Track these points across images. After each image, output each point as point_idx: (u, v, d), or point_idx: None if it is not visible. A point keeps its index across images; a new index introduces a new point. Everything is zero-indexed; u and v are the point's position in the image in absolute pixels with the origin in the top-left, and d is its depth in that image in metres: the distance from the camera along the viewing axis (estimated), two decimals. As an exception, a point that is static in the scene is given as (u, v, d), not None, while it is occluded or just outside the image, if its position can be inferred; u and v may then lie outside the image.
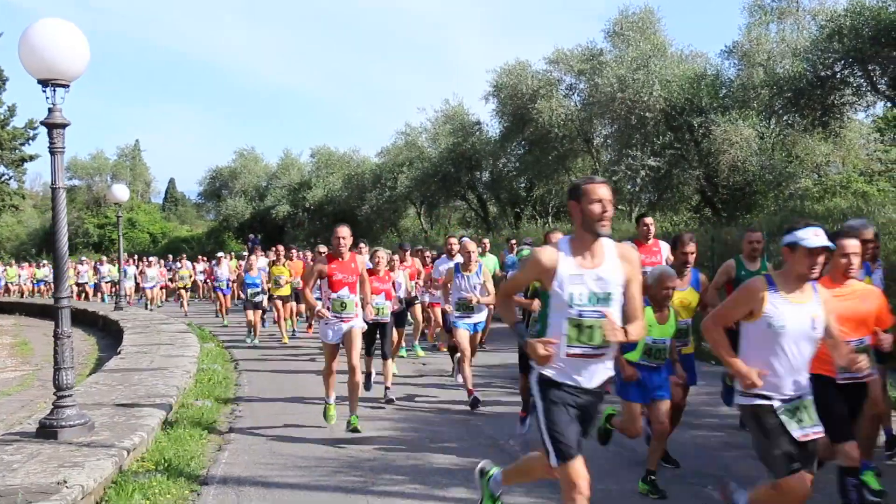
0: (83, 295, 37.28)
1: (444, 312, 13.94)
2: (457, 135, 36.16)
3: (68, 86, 7.99)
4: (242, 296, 20.05)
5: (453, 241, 13.64)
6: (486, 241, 18.19)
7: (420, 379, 13.21)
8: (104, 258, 42.34)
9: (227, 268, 25.53)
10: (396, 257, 14.51)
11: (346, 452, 8.45)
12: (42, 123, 8.15)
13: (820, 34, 20.90)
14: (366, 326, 9.97)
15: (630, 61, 24.95)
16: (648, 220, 10.74)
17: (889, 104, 21.53)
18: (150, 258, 35.91)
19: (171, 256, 40.55)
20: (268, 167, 54.19)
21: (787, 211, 21.66)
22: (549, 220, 36.30)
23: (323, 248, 16.11)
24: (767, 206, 23.34)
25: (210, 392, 11.92)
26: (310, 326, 20.24)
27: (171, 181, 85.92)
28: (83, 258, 41.39)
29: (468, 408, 10.41)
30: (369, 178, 41.56)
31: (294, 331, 20.08)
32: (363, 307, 9.82)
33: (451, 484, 7.22)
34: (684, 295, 7.62)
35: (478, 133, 36.27)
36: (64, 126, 8.06)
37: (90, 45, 8.00)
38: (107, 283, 36.54)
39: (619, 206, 30.58)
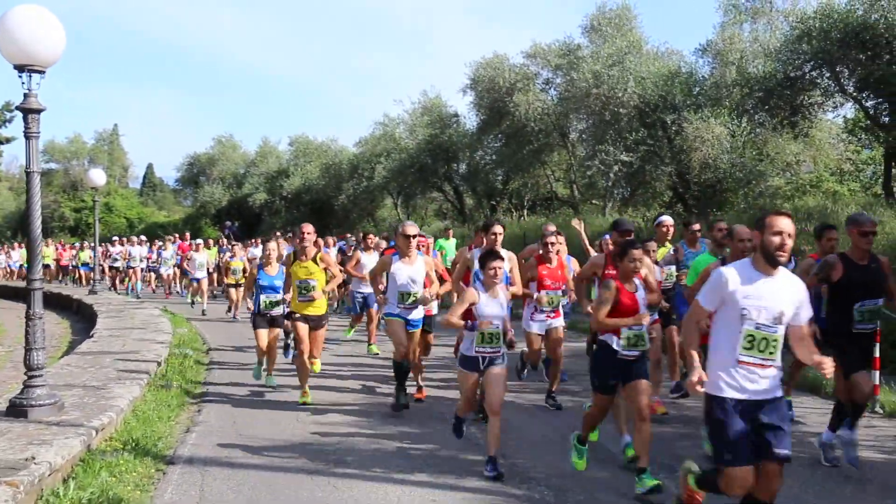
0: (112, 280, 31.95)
1: None
2: (434, 126, 36.37)
3: (44, 72, 8.14)
4: (249, 305, 11.86)
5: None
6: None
7: (387, 366, 13.32)
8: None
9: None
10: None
11: (312, 437, 8.66)
12: (18, 108, 8.30)
13: (790, 35, 21.23)
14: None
15: (606, 57, 25.22)
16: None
17: (856, 106, 21.89)
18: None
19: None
20: (246, 154, 54.22)
21: (756, 209, 22.01)
22: (525, 212, 36.60)
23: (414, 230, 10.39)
24: (737, 204, 23.70)
25: (181, 376, 12.08)
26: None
27: (150, 166, 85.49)
28: (114, 238, 35.11)
29: (433, 396, 10.63)
30: (347, 167, 41.72)
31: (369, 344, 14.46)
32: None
33: (413, 468, 7.45)
34: None
35: (455, 125, 36.50)
36: (39, 111, 8.20)
37: (69, 26, 8.18)
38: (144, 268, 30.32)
39: (593, 201, 30.93)
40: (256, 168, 50.34)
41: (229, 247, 25.43)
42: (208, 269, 25.17)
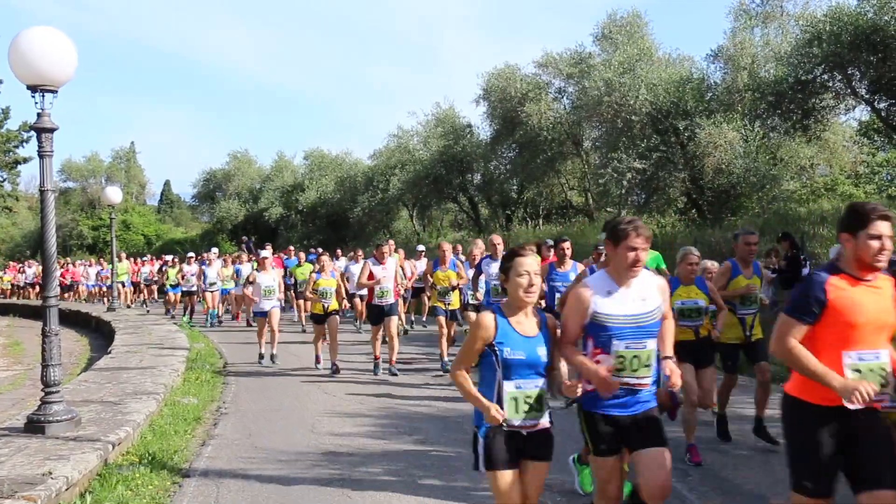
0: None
1: None
2: (448, 137, 36.40)
3: (56, 91, 8.26)
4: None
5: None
6: None
7: (403, 374, 13.41)
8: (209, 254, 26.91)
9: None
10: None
11: (326, 447, 8.72)
12: (31, 128, 8.43)
13: (801, 39, 21.18)
14: None
15: (617, 65, 25.21)
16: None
17: (868, 108, 21.82)
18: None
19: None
20: (261, 169, 54.37)
21: (770, 213, 21.98)
22: (540, 221, 36.57)
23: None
24: (752, 208, 23.65)
25: (197, 390, 12.17)
26: None
27: (167, 183, 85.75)
28: (189, 254, 28.58)
29: (449, 404, 10.65)
30: (361, 180, 41.78)
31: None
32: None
33: (426, 477, 7.49)
34: None
35: (469, 136, 36.48)
36: (52, 130, 8.32)
37: (85, 46, 8.40)
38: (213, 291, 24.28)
39: (608, 209, 30.91)
40: (272, 182, 50.47)
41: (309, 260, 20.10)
42: (295, 285, 19.52)
